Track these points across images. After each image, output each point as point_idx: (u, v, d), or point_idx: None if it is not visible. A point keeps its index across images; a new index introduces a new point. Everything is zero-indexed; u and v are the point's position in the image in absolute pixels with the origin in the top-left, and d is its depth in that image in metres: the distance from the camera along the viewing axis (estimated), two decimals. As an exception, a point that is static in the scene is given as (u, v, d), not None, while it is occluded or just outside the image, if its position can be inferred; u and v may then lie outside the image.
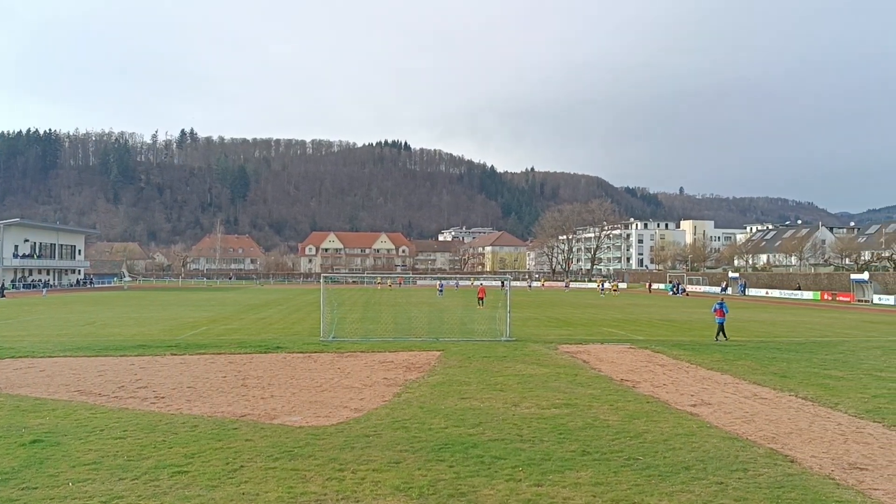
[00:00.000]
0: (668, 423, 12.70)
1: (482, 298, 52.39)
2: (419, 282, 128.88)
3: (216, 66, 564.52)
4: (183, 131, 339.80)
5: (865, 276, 74.28)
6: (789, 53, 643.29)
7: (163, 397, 15.10)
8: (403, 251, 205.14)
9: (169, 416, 13.10)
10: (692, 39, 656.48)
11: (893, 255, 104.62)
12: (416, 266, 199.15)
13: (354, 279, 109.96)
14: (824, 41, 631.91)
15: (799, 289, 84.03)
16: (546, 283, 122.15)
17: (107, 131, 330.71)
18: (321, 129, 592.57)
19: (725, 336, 28.88)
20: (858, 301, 69.84)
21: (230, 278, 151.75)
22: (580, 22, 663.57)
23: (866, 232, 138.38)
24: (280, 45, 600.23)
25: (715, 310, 29.54)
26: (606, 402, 14.65)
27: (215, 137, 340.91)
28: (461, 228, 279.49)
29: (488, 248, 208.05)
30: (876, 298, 68.54)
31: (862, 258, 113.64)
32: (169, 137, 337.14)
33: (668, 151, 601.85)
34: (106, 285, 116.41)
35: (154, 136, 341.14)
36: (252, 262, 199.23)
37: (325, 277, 33.47)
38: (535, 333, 31.13)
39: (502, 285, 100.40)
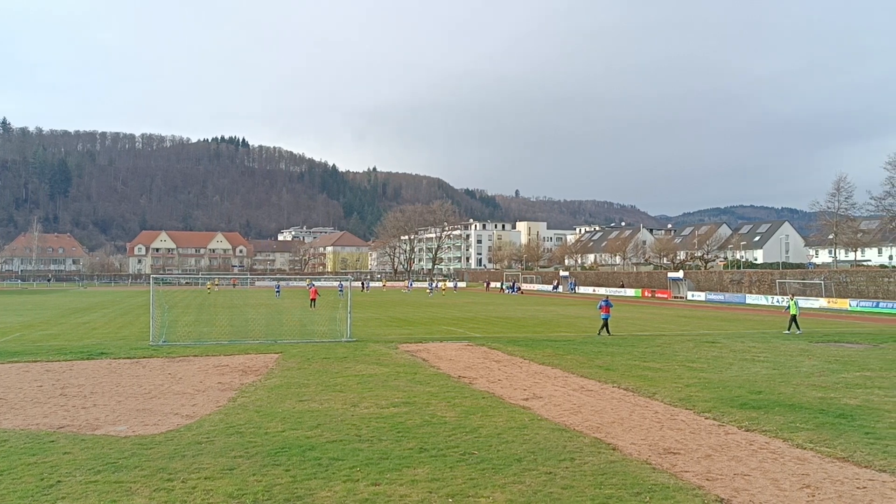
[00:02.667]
0: (503, 418, 13.14)
1: (314, 300, 51.76)
2: (258, 283, 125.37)
3: (32, 50, 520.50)
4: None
5: (680, 274, 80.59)
6: (618, 64, 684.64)
7: (-34, 411, 13.75)
8: (241, 251, 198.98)
9: (-27, 432, 11.95)
10: (526, 47, 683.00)
11: (704, 255, 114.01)
12: (255, 267, 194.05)
13: (188, 280, 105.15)
14: (651, 54, 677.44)
15: (623, 286, 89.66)
16: (388, 284, 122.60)
17: None
18: (152, 122, 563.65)
19: (609, 331, 30.55)
20: (674, 297, 75.53)
21: (49, 280, 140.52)
22: (422, 26, 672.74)
23: (682, 233, 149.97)
24: (107, 31, 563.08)
25: (600, 307, 31.29)
26: (444, 399, 14.95)
27: (32, 129, 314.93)
28: (302, 228, 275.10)
29: (330, 249, 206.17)
30: (690, 295, 74.44)
31: (678, 257, 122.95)
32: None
33: (506, 155, 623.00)
34: None
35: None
36: (74, 262, 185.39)
37: (156, 278, 31.99)
38: (375, 333, 31.20)
39: (363, 287, 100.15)
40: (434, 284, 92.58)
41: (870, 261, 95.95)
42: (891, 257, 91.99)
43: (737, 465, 10.10)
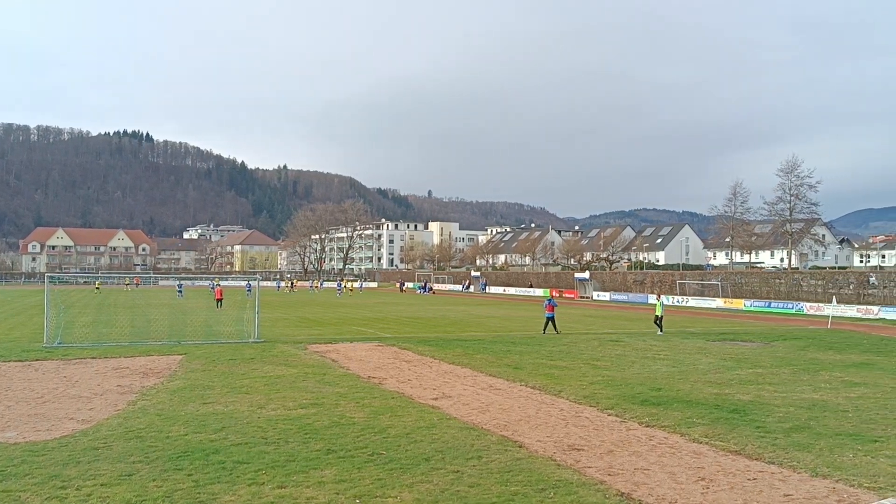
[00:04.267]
0: (412, 417, 13.17)
1: (220, 300, 50.48)
2: (161, 282, 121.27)
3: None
4: None
5: (587, 274, 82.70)
6: (529, 70, 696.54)
7: None
8: (144, 249, 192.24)
9: None
10: (441, 50, 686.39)
11: (609, 256, 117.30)
12: (159, 266, 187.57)
13: (87, 279, 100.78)
14: (560, 61, 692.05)
15: (531, 286, 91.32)
16: (298, 283, 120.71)
17: None
18: (49, 114, 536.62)
19: (556, 329, 31.71)
20: (581, 297, 77.44)
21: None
22: (336, 26, 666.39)
23: (588, 235, 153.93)
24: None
25: (546, 306, 32.89)
26: (353, 400, 14.85)
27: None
28: (209, 226, 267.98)
29: (238, 247, 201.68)
30: (595, 295, 76.48)
31: (584, 258, 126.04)
32: None
33: (419, 156, 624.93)
34: None
35: None
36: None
37: (51, 277, 30.57)
38: (284, 334, 30.71)
39: (292, 286, 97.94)
40: (341, 284, 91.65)
41: (763, 263, 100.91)
42: (782, 260, 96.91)
43: (637, 459, 10.44)
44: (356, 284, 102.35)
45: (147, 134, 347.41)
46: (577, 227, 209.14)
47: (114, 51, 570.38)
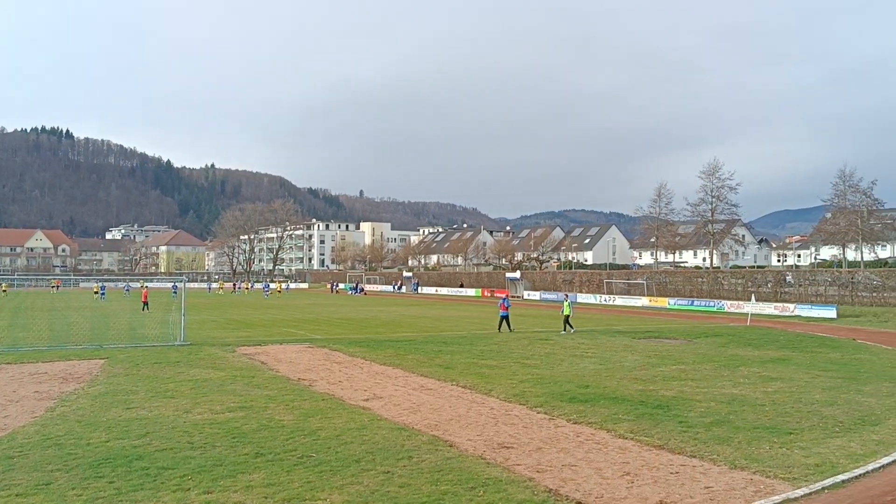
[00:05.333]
0: (342, 419, 13.09)
1: (146, 303, 49.12)
2: (82, 284, 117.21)
3: None
4: None
5: (518, 274, 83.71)
6: (461, 71, 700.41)
7: None
8: (64, 250, 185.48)
9: None
10: (373, 50, 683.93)
11: (540, 256, 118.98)
12: (79, 267, 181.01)
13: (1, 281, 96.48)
14: (493, 63, 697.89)
15: (462, 286, 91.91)
16: (225, 285, 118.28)
17: None
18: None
19: (510, 328, 32.63)
20: (512, 296, 78.15)
21: None
22: (265, 23, 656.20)
23: (519, 235, 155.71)
24: None
25: (500, 305, 34.02)
26: (283, 403, 14.67)
27: None
28: (133, 226, 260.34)
29: (163, 248, 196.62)
30: (526, 294, 77.42)
31: (515, 258, 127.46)
32: None
33: (351, 155, 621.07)
34: None
35: None
36: None
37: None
38: (212, 336, 30.08)
39: (234, 287, 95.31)
40: (268, 286, 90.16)
41: (686, 262, 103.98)
42: (704, 259, 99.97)
43: (565, 456, 10.64)
44: (283, 286, 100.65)
45: (67, 131, 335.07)
46: (508, 228, 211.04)
47: (30, 45, 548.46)
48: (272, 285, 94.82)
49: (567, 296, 39.54)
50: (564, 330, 32.59)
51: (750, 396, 15.82)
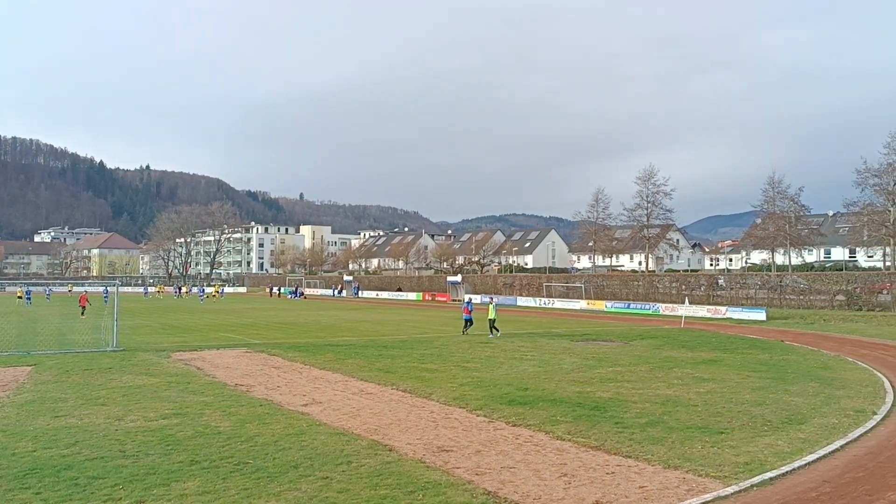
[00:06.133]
0: (280, 425, 12.93)
1: (84, 307, 47.66)
2: (8, 288, 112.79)
3: None
4: None
5: (459, 278, 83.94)
6: (401, 74, 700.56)
7: None
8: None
9: None
10: (311, 51, 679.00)
11: (481, 260, 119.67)
12: (6, 270, 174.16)
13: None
14: (432, 67, 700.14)
15: (399, 290, 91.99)
16: (166, 289, 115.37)
17: None
18: None
19: (465, 331, 33.86)
20: (453, 300, 78.43)
21: None
22: (202, 17, 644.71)
23: (461, 239, 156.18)
24: None
25: (464, 308, 35.53)
26: (219, 409, 14.41)
27: None
28: (63, 229, 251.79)
29: (95, 251, 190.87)
30: (467, 298, 77.61)
31: (457, 262, 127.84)
32: None
33: (291, 158, 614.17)
34: None
35: None
36: None
37: None
38: (146, 342, 29.33)
39: (179, 292, 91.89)
40: (203, 290, 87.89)
41: (623, 266, 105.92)
42: (640, 263, 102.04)
43: (504, 458, 10.72)
44: (219, 290, 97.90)
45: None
46: (450, 232, 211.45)
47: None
48: (208, 289, 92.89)
49: (492, 299, 39.84)
50: (491, 333, 32.54)
51: (683, 397, 16.22)
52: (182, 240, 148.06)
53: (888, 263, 60.63)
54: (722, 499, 8.94)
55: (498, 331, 32.96)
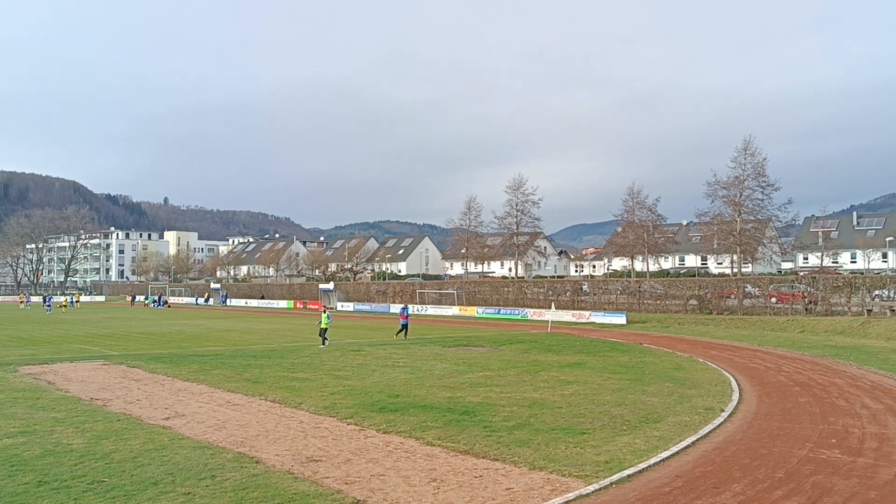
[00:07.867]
0: (139, 440, 12.33)
1: None
2: None
3: None
4: None
5: (331, 285, 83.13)
6: (269, 77, 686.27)
7: None
8: None
9: None
10: (176, 48, 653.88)
11: (354, 267, 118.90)
12: None
13: None
14: (301, 71, 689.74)
15: (262, 297, 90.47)
16: (33, 298, 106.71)
17: None
18: None
19: (406, 336, 35.15)
20: (326, 307, 77.51)
21: None
22: (54, 8, 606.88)
23: (333, 246, 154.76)
24: None
25: (401, 314, 36.71)
26: (72, 425, 13.56)
27: None
28: None
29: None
30: (339, 305, 77.03)
31: (329, 269, 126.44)
32: None
33: (156, 161, 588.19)
34: None
35: None
36: None
37: None
38: (-11, 355, 27.20)
39: (72, 303, 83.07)
40: (50, 300, 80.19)
41: (494, 272, 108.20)
42: (510, 269, 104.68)
43: (374, 466, 10.70)
44: (69, 299, 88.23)
45: None
46: (322, 238, 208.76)
47: None
48: (56, 298, 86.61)
49: (325, 308, 39.46)
50: (323, 344, 30.88)
51: (549, 399, 16.76)
52: (33, 245, 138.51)
53: (735, 270, 64.97)
54: (583, 497, 9.30)
55: (328, 340, 31.36)
